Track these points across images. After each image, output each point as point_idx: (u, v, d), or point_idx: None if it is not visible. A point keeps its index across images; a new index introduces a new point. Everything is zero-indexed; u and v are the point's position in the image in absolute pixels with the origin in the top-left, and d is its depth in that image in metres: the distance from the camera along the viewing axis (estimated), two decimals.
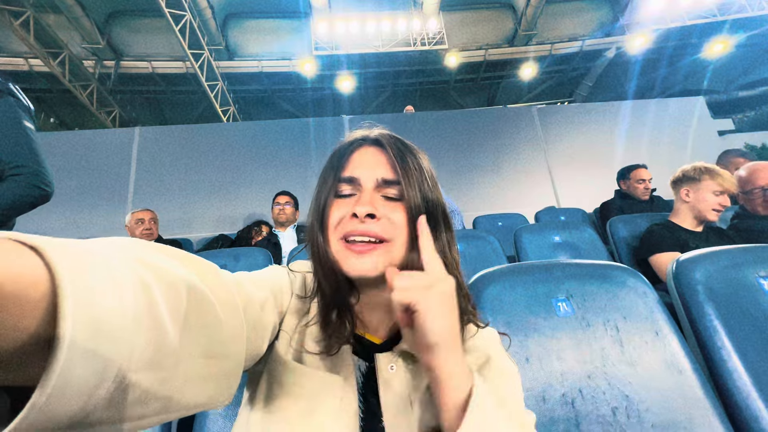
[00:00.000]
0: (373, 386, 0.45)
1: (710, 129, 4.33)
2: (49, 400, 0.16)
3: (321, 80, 9.86)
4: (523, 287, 0.78)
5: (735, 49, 9.30)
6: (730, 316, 0.73)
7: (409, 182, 0.46)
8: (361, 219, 0.44)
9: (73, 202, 3.51)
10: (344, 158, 0.49)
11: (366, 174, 0.47)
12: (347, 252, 0.44)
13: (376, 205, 0.45)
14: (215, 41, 8.67)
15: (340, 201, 0.47)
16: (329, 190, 0.48)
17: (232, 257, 1.79)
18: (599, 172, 3.92)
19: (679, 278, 0.80)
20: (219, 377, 0.29)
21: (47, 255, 0.18)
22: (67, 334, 0.17)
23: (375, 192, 0.46)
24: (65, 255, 0.19)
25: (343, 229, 0.45)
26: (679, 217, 1.64)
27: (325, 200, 0.47)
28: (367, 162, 0.48)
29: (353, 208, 0.44)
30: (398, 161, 0.46)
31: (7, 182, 1.12)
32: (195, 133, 3.96)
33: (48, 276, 0.18)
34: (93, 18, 8.00)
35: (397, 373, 0.45)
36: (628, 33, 9.17)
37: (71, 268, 0.18)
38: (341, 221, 0.45)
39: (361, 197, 0.46)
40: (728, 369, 0.68)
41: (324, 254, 0.46)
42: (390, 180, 0.47)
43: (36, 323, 0.17)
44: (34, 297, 0.17)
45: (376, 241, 0.44)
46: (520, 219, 3.14)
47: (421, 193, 0.46)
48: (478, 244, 1.73)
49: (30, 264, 0.18)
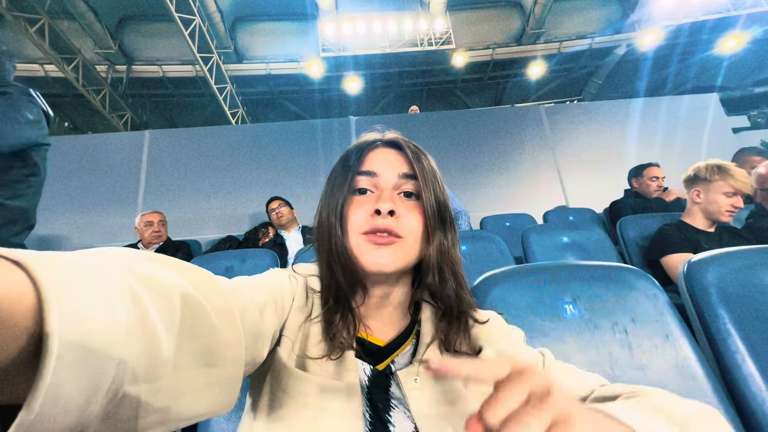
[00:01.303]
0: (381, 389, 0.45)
1: (725, 126, 4.23)
2: (38, 418, 0.16)
3: (328, 82, 9.90)
4: (530, 289, 0.77)
5: (749, 44, 9.07)
6: (744, 319, 0.71)
7: (426, 183, 0.48)
8: (384, 215, 0.45)
9: (84, 203, 3.57)
10: (362, 156, 0.51)
11: (386, 171, 0.49)
12: (368, 245, 0.46)
13: (396, 203, 0.46)
14: (224, 45, 8.77)
15: (359, 199, 0.49)
16: (347, 187, 0.49)
17: (239, 258, 1.80)
18: (609, 171, 3.86)
19: (691, 280, 0.78)
20: (218, 385, 0.28)
21: (32, 269, 0.17)
22: (53, 350, 0.16)
23: (393, 191, 0.48)
24: (51, 269, 0.18)
25: (365, 225, 0.46)
26: (691, 217, 1.61)
27: (344, 198, 0.48)
28: (386, 160, 0.50)
29: (376, 205, 0.46)
30: (415, 162, 0.49)
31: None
32: (204, 135, 4.00)
33: (33, 291, 0.17)
34: (105, 24, 8.15)
35: (422, 385, 0.44)
36: (639, 30, 9.01)
37: (57, 282, 0.18)
38: (362, 217, 0.47)
39: (382, 195, 0.47)
40: (742, 374, 0.66)
41: (342, 249, 0.46)
42: (409, 174, 0.49)
43: (23, 340, 0.17)
44: (20, 313, 0.17)
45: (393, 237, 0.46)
46: (528, 219, 3.10)
47: (434, 194, 0.48)
48: (484, 244, 1.71)
49: (13, 279, 0.17)
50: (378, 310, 0.51)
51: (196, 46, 6.99)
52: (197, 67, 7.94)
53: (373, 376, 0.46)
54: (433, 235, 0.47)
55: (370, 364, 0.46)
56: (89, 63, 7.51)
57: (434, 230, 0.47)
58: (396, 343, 0.49)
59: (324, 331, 0.46)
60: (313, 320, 0.48)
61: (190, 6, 6.60)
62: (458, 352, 0.47)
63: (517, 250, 2.00)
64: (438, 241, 0.48)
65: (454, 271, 0.49)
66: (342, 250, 0.46)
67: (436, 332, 0.48)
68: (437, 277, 0.48)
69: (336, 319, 0.46)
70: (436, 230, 0.48)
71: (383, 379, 0.46)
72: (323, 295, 0.49)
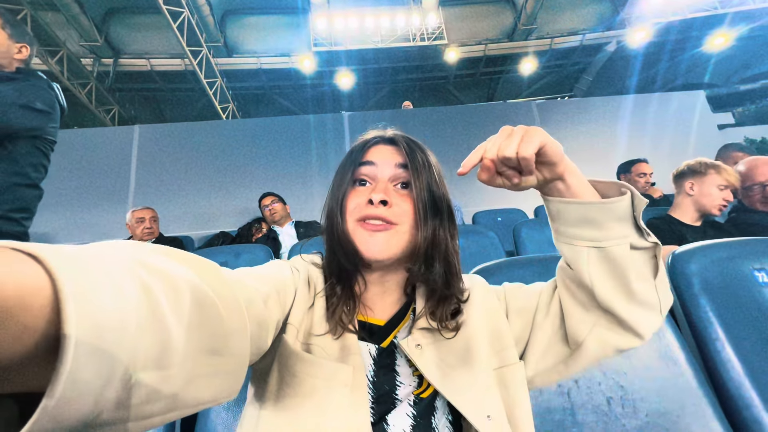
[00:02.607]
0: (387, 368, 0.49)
1: (711, 123, 4.32)
2: (58, 403, 0.17)
3: (320, 77, 9.83)
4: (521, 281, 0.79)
5: (736, 42, 9.24)
6: (725, 308, 0.74)
7: (417, 175, 0.51)
8: (376, 204, 0.49)
9: (73, 201, 3.52)
10: (363, 151, 0.55)
11: (383, 162, 0.53)
12: (362, 231, 0.50)
13: (389, 194, 0.50)
14: (214, 38, 8.64)
15: (357, 190, 0.53)
16: (349, 178, 0.54)
17: (233, 254, 1.80)
18: (599, 167, 3.92)
19: (675, 270, 0.81)
20: (224, 373, 0.29)
21: (47, 262, 0.18)
22: (72, 337, 0.17)
23: (389, 183, 0.52)
24: (65, 261, 0.19)
25: (359, 212, 0.50)
26: (679, 211, 1.65)
27: (345, 189, 0.53)
28: (383, 154, 0.54)
29: (369, 195, 0.50)
30: (409, 156, 0.52)
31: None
32: (195, 130, 3.96)
33: (49, 282, 0.18)
34: (90, 15, 7.96)
35: (425, 349, 0.49)
36: (629, 27, 9.12)
37: (72, 273, 0.18)
38: (358, 206, 0.51)
39: (377, 186, 0.51)
40: (722, 360, 0.69)
41: (342, 233, 0.51)
42: (402, 164, 0.53)
43: (40, 330, 0.17)
44: (37, 304, 0.17)
45: (387, 223, 0.49)
46: (519, 214, 3.15)
47: (427, 186, 0.51)
48: (477, 239, 1.74)
49: (31, 272, 0.18)
50: (377, 293, 0.54)
51: (185, 39, 6.87)
52: (186, 60, 7.82)
53: (378, 353, 0.49)
54: (425, 224, 0.50)
55: (375, 344, 0.50)
56: (74, 56, 7.33)
57: (426, 219, 0.50)
58: (394, 320, 0.53)
59: (327, 311, 0.50)
60: (315, 308, 0.50)
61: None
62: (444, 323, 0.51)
63: (509, 245, 2.03)
64: (431, 229, 0.50)
65: (446, 259, 0.51)
66: (342, 234, 0.51)
67: (426, 309, 0.52)
68: (423, 265, 0.50)
69: (337, 291, 0.51)
70: (428, 219, 0.50)
71: (389, 356, 0.49)
72: (326, 274, 0.54)
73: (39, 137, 1.28)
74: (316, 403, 0.43)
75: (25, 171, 1.25)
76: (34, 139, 1.27)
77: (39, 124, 1.25)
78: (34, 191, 1.32)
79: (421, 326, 0.50)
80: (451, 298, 0.52)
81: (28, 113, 1.21)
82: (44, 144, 1.32)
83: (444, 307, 0.51)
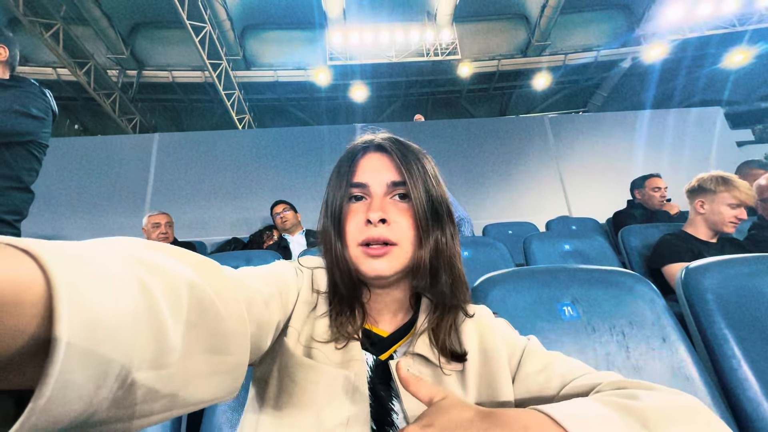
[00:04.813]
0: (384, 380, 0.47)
1: (730, 140, 4.23)
2: (49, 402, 0.16)
3: (334, 89, 10.01)
4: (528, 291, 0.78)
5: (755, 59, 9.09)
6: (741, 324, 0.72)
7: (414, 184, 0.49)
8: (375, 224, 0.47)
9: (94, 204, 3.63)
10: (353, 164, 0.52)
11: (375, 179, 0.50)
12: (365, 257, 0.47)
13: (386, 210, 0.48)
14: (233, 52, 8.92)
15: (354, 206, 0.50)
16: (342, 195, 0.51)
17: (244, 259, 1.82)
18: (613, 182, 3.87)
19: (689, 286, 0.79)
20: (223, 373, 0.29)
21: (41, 257, 0.18)
22: (63, 336, 0.16)
23: (384, 197, 0.49)
24: (60, 257, 0.18)
25: (360, 235, 0.48)
26: (693, 228, 1.61)
27: (340, 206, 0.50)
28: (374, 167, 0.51)
29: (366, 215, 0.47)
30: (403, 164, 0.49)
31: None
32: (211, 139, 4.07)
33: (43, 279, 0.17)
34: (118, 30, 8.34)
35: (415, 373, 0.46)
36: (645, 43, 9.07)
37: (66, 270, 0.18)
38: (357, 228, 0.49)
39: (372, 203, 0.49)
40: (738, 378, 0.67)
41: (342, 258, 0.49)
42: (398, 182, 0.50)
43: (34, 326, 0.17)
44: (30, 300, 0.17)
45: (388, 244, 0.47)
46: (530, 228, 3.11)
47: (425, 192, 0.49)
48: (485, 250, 1.73)
49: (24, 267, 0.17)
50: (382, 305, 0.53)
51: (206, 52, 7.12)
52: (206, 73, 8.08)
53: (375, 365, 0.48)
54: (427, 235, 0.48)
55: (374, 355, 0.49)
56: (101, 67, 7.67)
57: (428, 229, 0.48)
58: (398, 334, 0.51)
59: (332, 321, 0.49)
60: (319, 312, 0.50)
61: (202, 14, 6.75)
62: (445, 348, 0.48)
63: (519, 257, 2.00)
64: (434, 239, 0.49)
65: (450, 267, 0.50)
66: (343, 260, 0.49)
67: (428, 324, 0.50)
68: (428, 278, 0.49)
69: (344, 311, 0.49)
70: (430, 228, 0.49)
71: (385, 369, 0.47)
72: (330, 293, 0.51)
73: (33, 142, 1.32)
74: (315, 410, 0.42)
75: (18, 175, 1.28)
76: (28, 144, 1.30)
77: (34, 129, 1.29)
78: (26, 195, 1.34)
79: (420, 351, 0.47)
80: (456, 309, 0.50)
81: (24, 119, 1.25)
82: (37, 149, 1.35)
83: (447, 322, 0.49)
